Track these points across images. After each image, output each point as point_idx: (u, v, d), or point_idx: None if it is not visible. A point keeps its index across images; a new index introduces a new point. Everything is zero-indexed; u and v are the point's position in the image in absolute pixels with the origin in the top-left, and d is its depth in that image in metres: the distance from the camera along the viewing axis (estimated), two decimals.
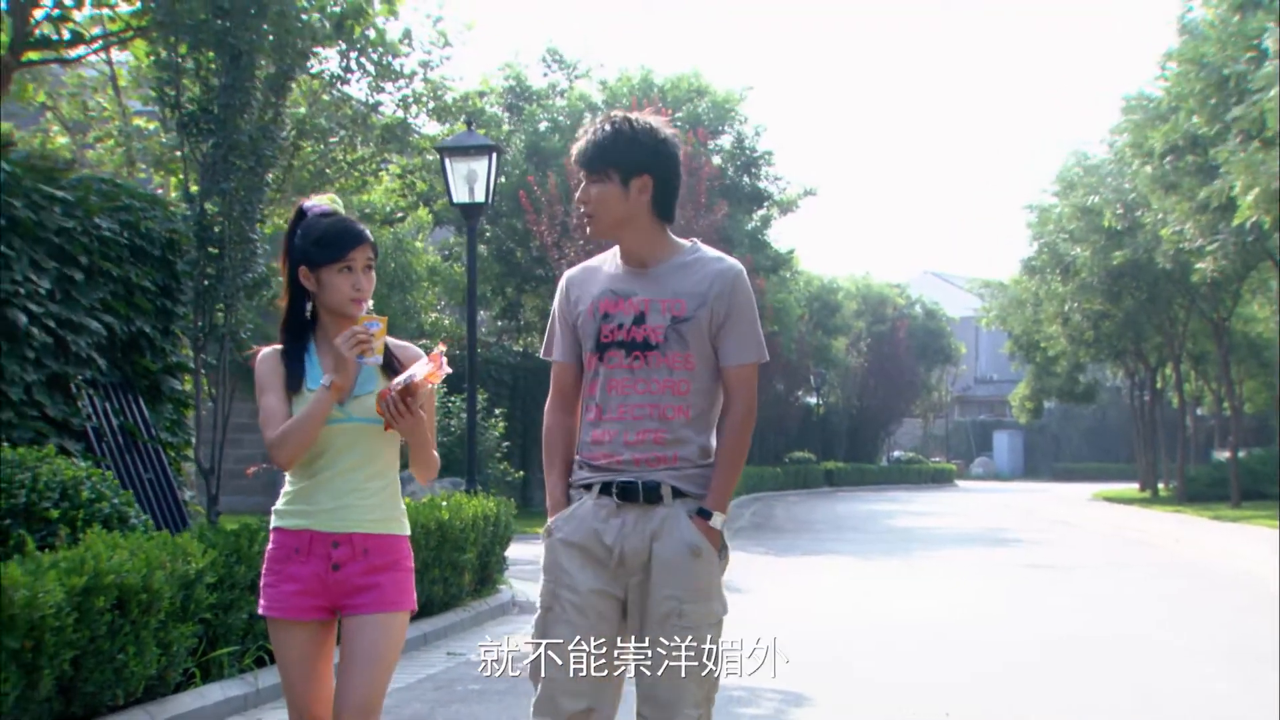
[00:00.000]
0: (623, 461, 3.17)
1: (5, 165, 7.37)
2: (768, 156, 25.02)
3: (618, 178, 3.18)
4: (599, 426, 3.21)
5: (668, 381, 3.17)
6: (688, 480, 3.18)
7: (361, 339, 3.21)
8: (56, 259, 7.82)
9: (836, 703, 6.47)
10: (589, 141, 3.23)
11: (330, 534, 3.28)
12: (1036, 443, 59.04)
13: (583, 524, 3.19)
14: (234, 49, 8.10)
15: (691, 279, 3.21)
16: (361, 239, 3.34)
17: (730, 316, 3.19)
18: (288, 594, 3.29)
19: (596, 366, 3.23)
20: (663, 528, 3.14)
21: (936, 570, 13.74)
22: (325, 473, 3.31)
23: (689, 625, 3.12)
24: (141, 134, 16.20)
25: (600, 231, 3.25)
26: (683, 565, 3.12)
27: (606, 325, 3.21)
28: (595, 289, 3.27)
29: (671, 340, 3.17)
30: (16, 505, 5.58)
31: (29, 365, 7.52)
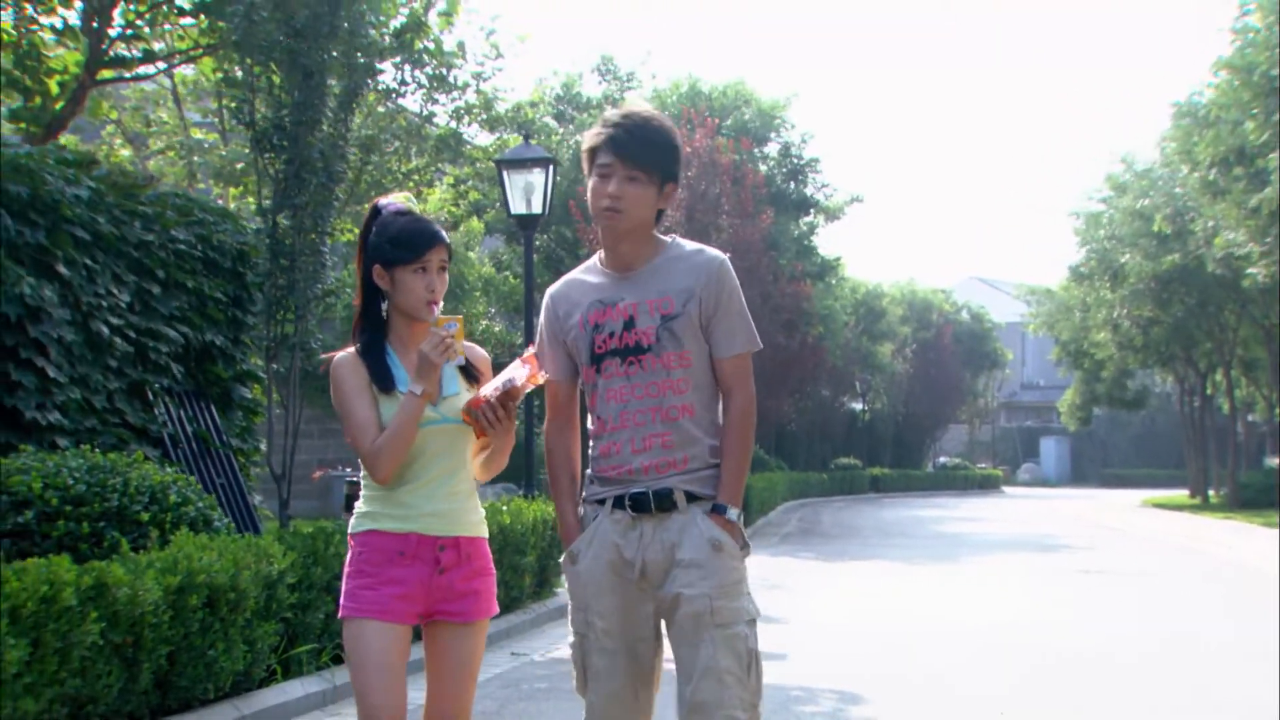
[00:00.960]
0: (633, 471, 3.11)
1: (90, 183, 7.67)
2: (814, 163, 25.15)
3: (658, 180, 3.12)
4: (604, 439, 3.16)
5: (666, 382, 3.12)
6: (700, 482, 3.13)
7: (446, 346, 3.15)
8: (136, 272, 8.14)
9: (893, 703, 6.62)
10: (634, 133, 3.11)
11: (437, 537, 3.21)
12: (1084, 449, 58.61)
13: (603, 543, 3.13)
14: (305, 68, 8.38)
15: (676, 274, 3.15)
16: (437, 239, 3.27)
17: (719, 307, 3.14)
18: (388, 597, 3.18)
19: (594, 379, 3.17)
20: (682, 532, 3.09)
21: (986, 575, 13.82)
22: (424, 476, 3.23)
23: (722, 622, 3.05)
24: (202, 147, 16.63)
25: (625, 230, 3.14)
26: (707, 562, 3.06)
27: (599, 336, 3.15)
28: (583, 301, 3.20)
29: (664, 340, 3.11)
30: (110, 509, 5.85)
31: (111, 374, 7.83)
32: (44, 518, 5.71)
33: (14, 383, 6.98)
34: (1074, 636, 9.05)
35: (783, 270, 20.86)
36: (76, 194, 7.49)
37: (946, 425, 50.75)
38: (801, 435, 36.95)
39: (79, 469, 6.00)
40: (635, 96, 24.83)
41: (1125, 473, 54.43)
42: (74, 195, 7.46)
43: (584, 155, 3.21)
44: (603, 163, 3.11)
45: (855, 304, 37.72)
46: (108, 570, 4.83)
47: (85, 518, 5.77)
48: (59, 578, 4.55)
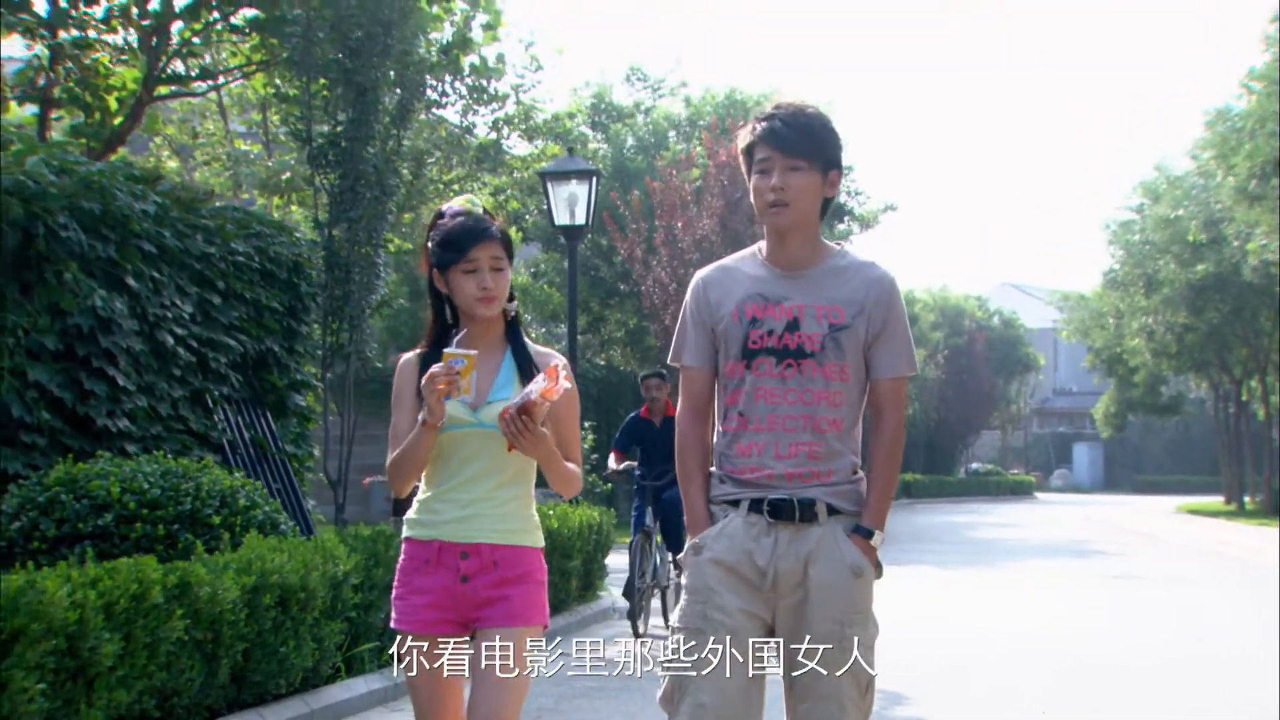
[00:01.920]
0: (774, 476, 3.01)
1: (156, 198, 7.96)
2: (848, 171, 25.30)
3: (820, 166, 3.02)
4: (744, 438, 3.05)
5: (823, 392, 3.02)
6: (841, 497, 3.04)
7: (441, 381, 3.03)
8: (197, 283, 8.43)
9: (936, 702, 6.80)
10: (790, 124, 3.01)
11: (459, 544, 3.13)
12: (1117, 455, 58.37)
13: (733, 543, 3.02)
14: (360, 86, 8.66)
15: (848, 285, 3.05)
16: (484, 236, 3.16)
17: (886, 326, 3.06)
18: (416, 606, 3.14)
19: (742, 374, 3.05)
20: (819, 548, 2.99)
21: (1022, 580, 13.95)
22: (452, 480, 3.16)
23: (850, 649, 2.97)
24: (247, 158, 16.98)
25: (790, 223, 3.04)
26: (844, 587, 2.98)
27: (755, 330, 3.03)
28: (739, 291, 3.08)
29: (829, 349, 3.01)
30: (183, 512, 6.12)
31: (175, 382, 8.12)
32: (122, 520, 5.99)
33: (86, 391, 7.27)
34: (1109, 641, 9.18)
35: None
36: (144, 209, 7.78)
37: (979, 431, 50.68)
38: None
39: (153, 474, 6.27)
40: (668, 103, 25.04)
41: (1159, 479, 54.19)
42: (141, 210, 7.76)
43: (741, 157, 3.13)
44: (761, 158, 3.02)
45: None
46: (190, 570, 5.09)
47: (160, 520, 6.04)
48: (147, 577, 4.81)
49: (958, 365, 45.04)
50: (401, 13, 8.80)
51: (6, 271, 6.98)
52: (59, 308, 7.15)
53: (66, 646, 4.35)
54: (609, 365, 23.53)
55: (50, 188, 7.07)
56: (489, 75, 14.24)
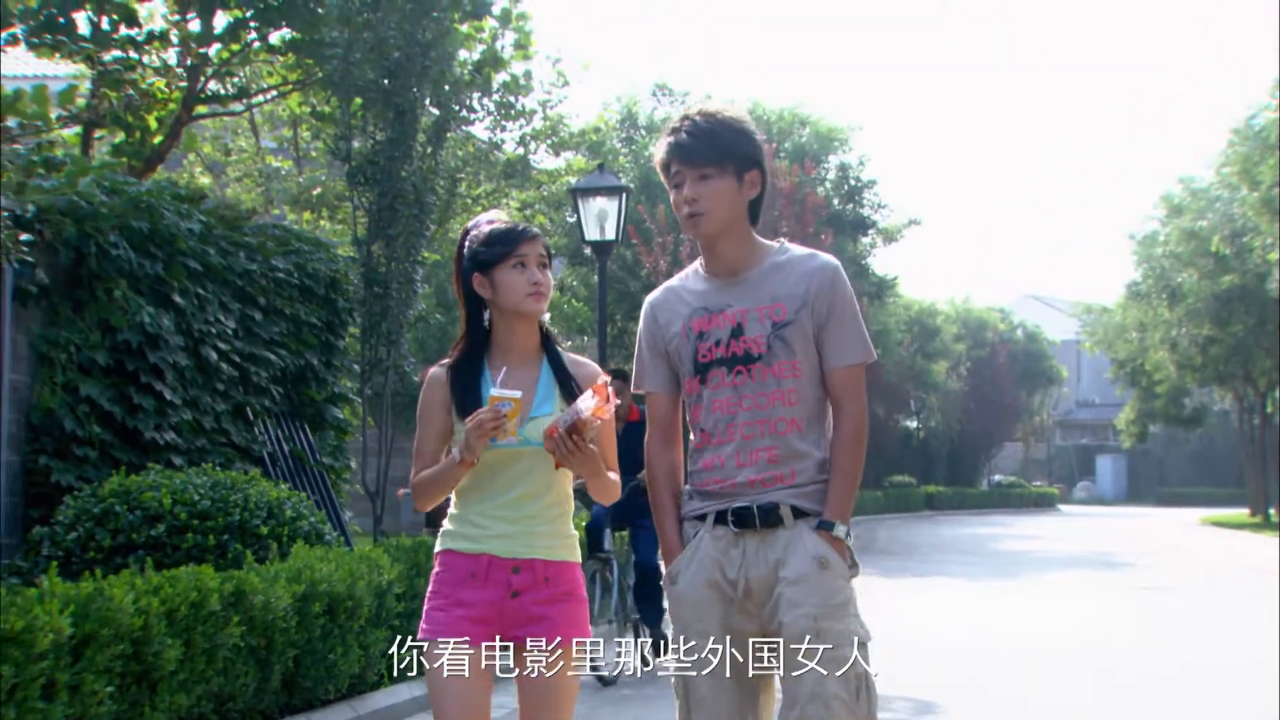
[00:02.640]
0: (737, 485, 2.96)
1: (201, 216, 8.17)
2: (871, 185, 25.44)
3: (732, 169, 2.96)
4: (707, 452, 3.02)
5: (776, 393, 2.96)
6: (807, 497, 2.96)
7: (489, 427, 2.98)
8: (240, 300, 8.63)
9: (967, 712, 6.91)
10: (693, 133, 2.97)
11: (511, 559, 3.08)
12: (1140, 467, 58.14)
13: (704, 562, 2.98)
14: (398, 106, 8.86)
15: (788, 280, 3.00)
16: (530, 233, 3.17)
17: (832, 315, 2.99)
18: (457, 619, 3.05)
19: (699, 390, 3.02)
20: (787, 551, 2.92)
21: (1048, 592, 14.02)
22: (503, 497, 3.10)
23: (828, 643, 2.88)
24: (278, 174, 17.23)
25: (711, 231, 3.00)
26: (811, 579, 2.90)
27: (703, 344, 3.01)
28: (684, 309, 3.06)
29: (776, 348, 2.96)
30: (232, 523, 6.30)
31: (218, 396, 8.31)
32: (174, 531, 6.17)
33: (135, 405, 7.47)
34: (1138, 651, 9.27)
35: None
36: (189, 228, 7.99)
37: (1001, 443, 50.58)
38: None
39: (203, 486, 6.45)
40: None
41: (1183, 491, 53.96)
42: (187, 229, 7.96)
43: (660, 172, 3.10)
44: (674, 172, 3.00)
45: (909, 322, 37.85)
46: (245, 579, 5.26)
47: (211, 531, 6.22)
48: (205, 585, 4.99)
49: (980, 377, 45.00)
50: (438, 34, 9.00)
51: (60, 289, 7.19)
52: (109, 324, 7.35)
53: (132, 651, 4.52)
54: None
55: (101, 207, 7.27)
56: (518, 92, 14.45)
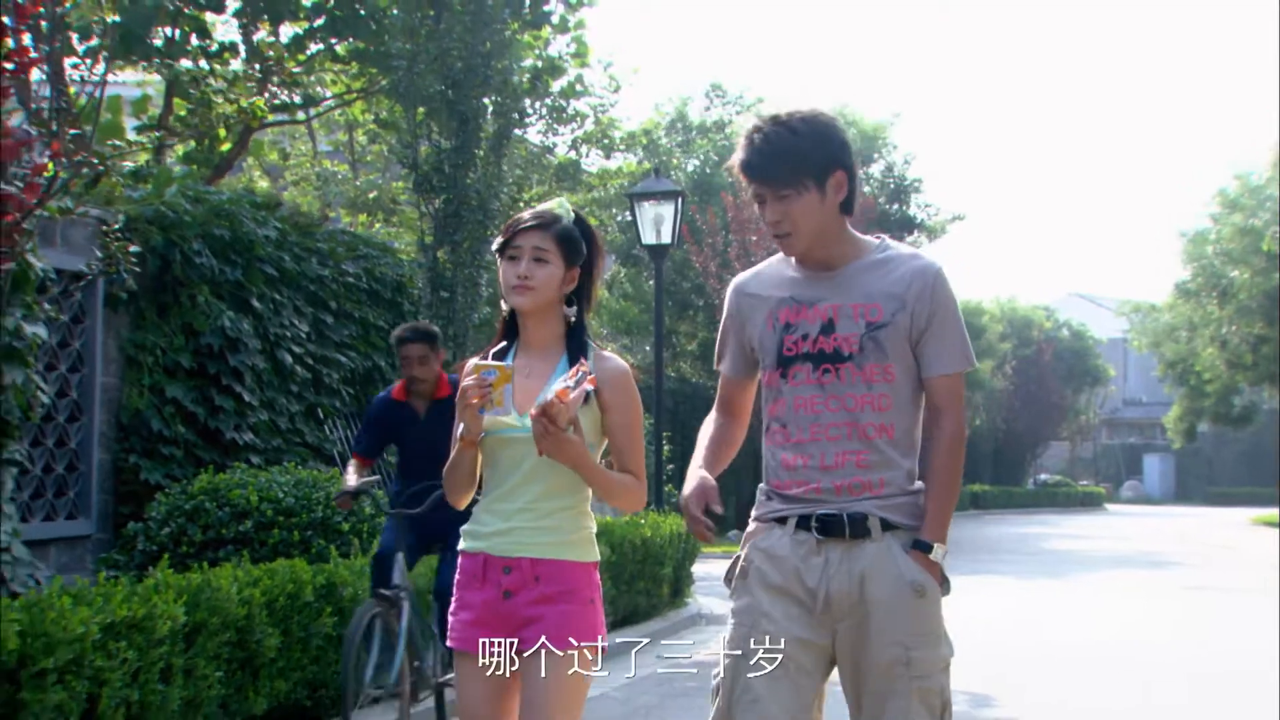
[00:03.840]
0: (822, 490, 2.79)
1: (276, 224, 8.49)
2: (917, 184, 25.52)
3: (812, 184, 2.78)
4: (787, 450, 2.84)
5: (866, 397, 2.80)
6: (896, 510, 2.81)
7: (473, 395, 2.83)
8: (312, 304, 8.95)
9: (1024, 707, 7.07)
10: (764, 151, 2.80)
11: (502, 558, 2.92)
12: (1189, 466, 57.66)
13: (781, 563, 2.81)
14: (462, 115, 9.14)
15: (886, 279, 2.83)
16: (528, 225, 2.97)
17: (934, 320, 2.82)
18: (464, 623, 2.94)
19: (779, 383, 2.86)
20: (874, 566, 2.77)
21: (1097, 591, 14.09)
22: (497, 490, 2.97)
23: (919, 674, 2.73)
24: (336, 178, 17.60)
25: (802, 249, 2.85)
26: (906, 606, 2.75)
27: (789, 336, 2.85)
28: (772, 297, 2.90)
29: (868, 350, 2.80)
30: (315, 519, 6.59)
31: (293, 398, 8.63)
32: (260, 527, 6.48)
33: (216, 406, 7.79)
34: (1187, 652, 9.36)
35: None
36: (266, 234, 8.31)
37: (1047, 442, 50.33)
38: None
39: (286, 484, 6.76)
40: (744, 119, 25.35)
41: (1232, 490, 53.45)
42: (264, 235, 8.28)
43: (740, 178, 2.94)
44: (754, 191, 2.87)
45: None
46: (335, 572, 5.54)
47: (295, 527, 6.52)
48: (300, 577, 5.27)
49: (1026, 376, 44.81)
50: (500, 44, 9.28)
51: (146, 295, 7.53)
52: (192, 328, 7.68)
53: (237, 639, 4.81)
54: (680, 377, 23.92)
55: (186, 216, 7.60)
56: (573, 97, 14.73)
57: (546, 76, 12.70)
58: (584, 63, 13.50)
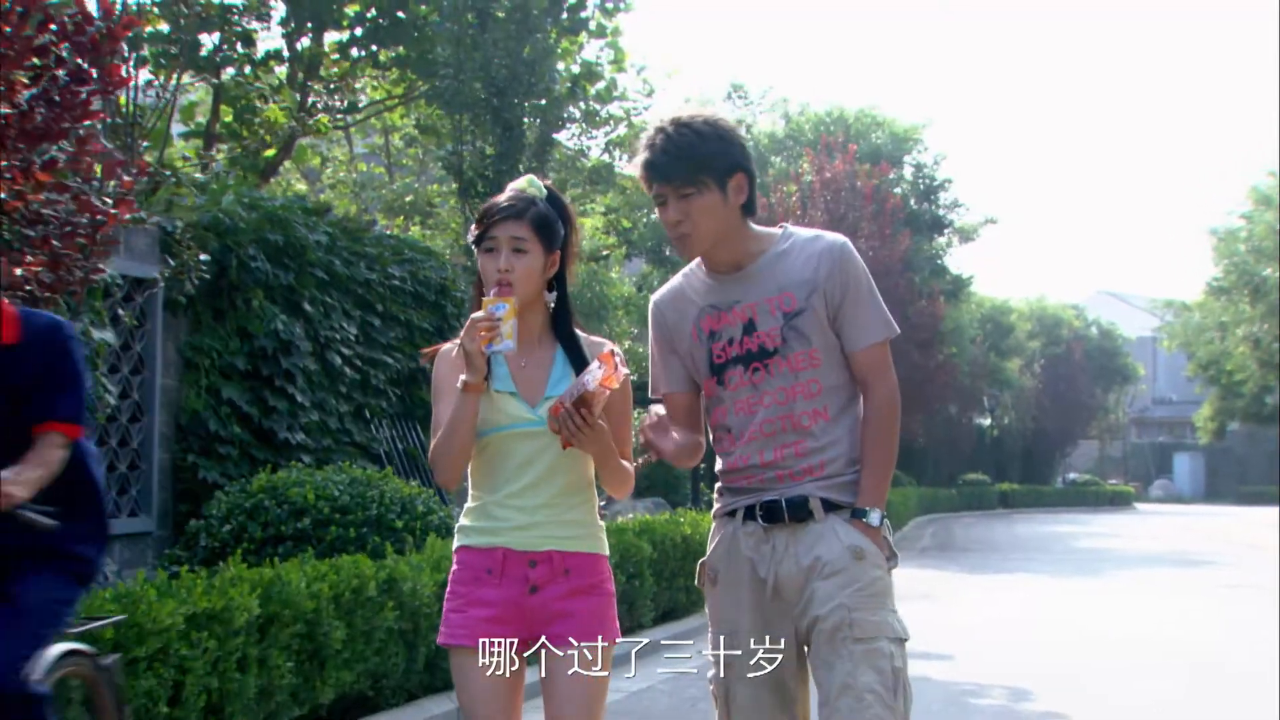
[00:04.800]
0: (765, 480, 2.84)
1: (326, 229, 8.70)
2: (947, 184, 25.61)
3: (714, 183, 2.80)
4: (733, 453, 2.89)
5: (796, 386, 2.83)
6: (839, 489, 2.83)
7: (482, 327, 2.75)
8: (360, 307, 9.16)
9: (1062, 701, 7.20)
10: (667, 150, 2.80)
11: (527, 553, 2.85)
12: (1219, 465, 57.35)
13: (736, 558, 2.85)
14: (506, 121, 9.34)
15: (794, 267, 2.86)
16: (506, 214, 2.86)
17: (847, 295, 2.85)
18: (476, 620, 2.82)
19: (717, 391, 2.90)
20: (819, 545, 2.79)
21: (1133, 589, 14.16)
22: (513, 484, 2.87)
23: (862, 636, 2.74)
24: (374, 182, 17.86)
25: (701, 250, 2.87)
26: (845, 569, 2.77)
27: (716, 344, 2.88)
28: (692, 309, 2.93)
29: (790, 340, 2.83)
30: (370, 517, 6.78)
31: (342, 399, 8.84)
32: (318, 524, 6.66)
33: (270, 407, 8.01)
34: (1223, 648, 9.45)
35: (918, 290, 21.40)
36: (317, 239, 8.52)
37: (1076, 441, 50.24)
38: (929, 451, 37.14)
39: (342, 482, 6.94)
40: (767, 120, 25.50)
41: (1264, 489, 53.08)
42: (315, 240, 8.49)
43: (643, 185, 2.93)
44: (655, 193, 2.86)
45: (982, 319, 37.82)
46: (396, 567, 5.73)
47: (351, 524, 6.70)
48: (363, 573, 5.46)
49: (1054, 374, 44.76)
50: (542, 52, 9.47)
51: (203, 299, 7.75)
52: (247, 331, 7.90)
53: (306, 631, 5.00)
54: None
55: (241, 222, 7.82)
56: (608, 101, 14.92)
57: (584, 82, 12.89)
58: (620, 68, 13.69)
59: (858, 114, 24.69)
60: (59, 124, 3.92)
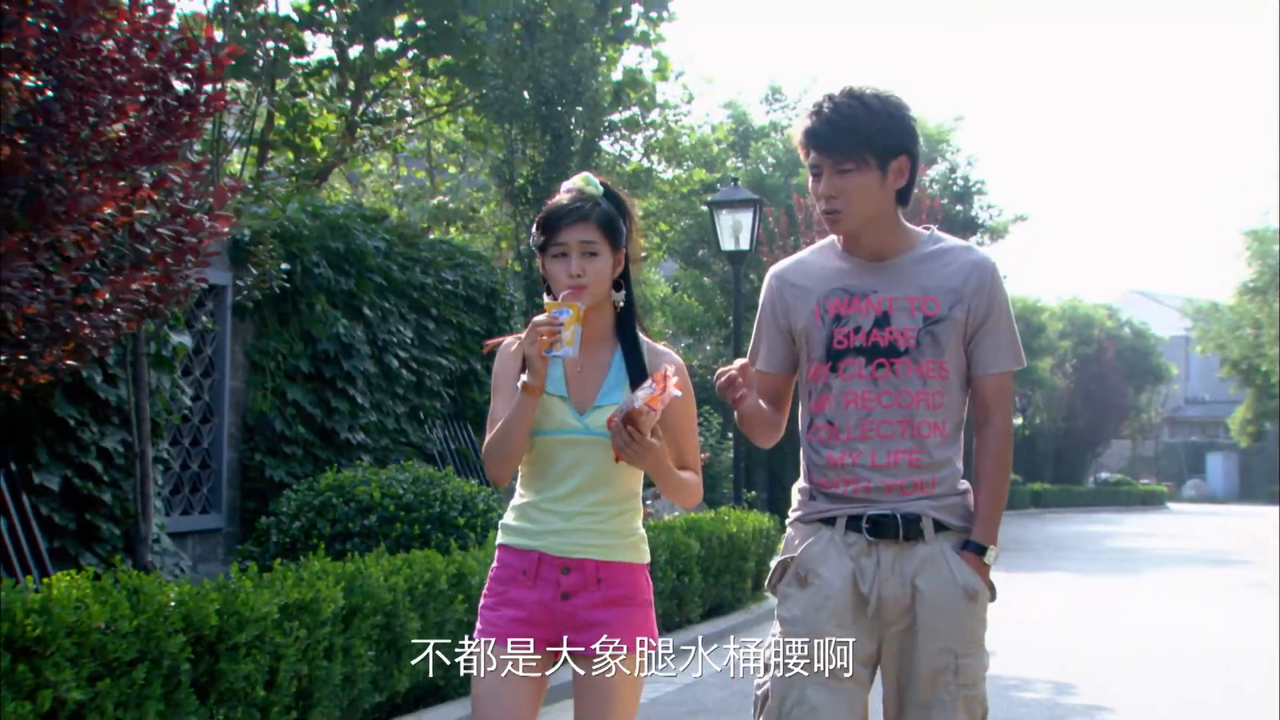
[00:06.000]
0: (872, 489, 2.70)
1: (384, 235, 8.99)
2: (980, 185, 25.71)
3: (875, 162, 2.68)
4: (835, 448, 2.74)
5: (922, 394, 2.71)
6: (948, 511, 2.74)
7: (545, 331, 2.72)
8: (415, 311, 9.45)
9: (1108, 695, 7.37)
10: (832, 120, 2.68)
11: (561, 558, 2.82)
12: (1254, 465, 57.01)
13: (831, 566, 2.71)
14: (555, 131, 9.61)
15: (942, 272, 2.75)
16: (572, 217, 2.83)
17: (989, 316, 2.75)
18: (507, 620, 2.83)
19: (827, 378, 2.75)
20: (925, 568, 2.69)
21: (1170, 587, 14.27)
22: (557, 489, 2.85)
23: (966, 683, 2.68)
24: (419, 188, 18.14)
25: (850, 229, 2.75)
26: (957, 612, 2.68)
27: (840, 329, 2.74)
28: (819, 287, 2.79)
29: (925, 345, 2.71)
30: (433, 514, 7.04)
31: (398, 400, 9.12)
32: (383, 521, 6.93)
33: (331, 408, 8.29)
34: (1264, 647, 9.57)
35: None
36: (375, 245, 8.81)
37: (1108, 441, 50.09)
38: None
39: (405, 481, 7.21)
40: None
41: None
42: (374, 246, 8.78)
43: (800, 152, 2.81)
44: (811, 162, 2.74)
45: None
46: (465, 562, 5.98)
47: (415, 521, 6.97)
48: (435, 567, 5.71)
49: (1086, 374, 44.68)
50: (588, 61, 9.72)
51: (269, 304, 8.04)
52: (310, 335, 8.19)
53: (385, 622, 5.26)
54: None
55: (305, 230, 8.10)
56: (651, 108, 15.17)
57: (629, 90, 13.14)
58: (664, 75, 13.94)
59: None
60: (165, 144, 4.19)
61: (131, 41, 4.07)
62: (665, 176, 18.93)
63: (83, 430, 6.11)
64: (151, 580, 4.08)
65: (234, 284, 7.50)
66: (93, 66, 3.94)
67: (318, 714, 4.79)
